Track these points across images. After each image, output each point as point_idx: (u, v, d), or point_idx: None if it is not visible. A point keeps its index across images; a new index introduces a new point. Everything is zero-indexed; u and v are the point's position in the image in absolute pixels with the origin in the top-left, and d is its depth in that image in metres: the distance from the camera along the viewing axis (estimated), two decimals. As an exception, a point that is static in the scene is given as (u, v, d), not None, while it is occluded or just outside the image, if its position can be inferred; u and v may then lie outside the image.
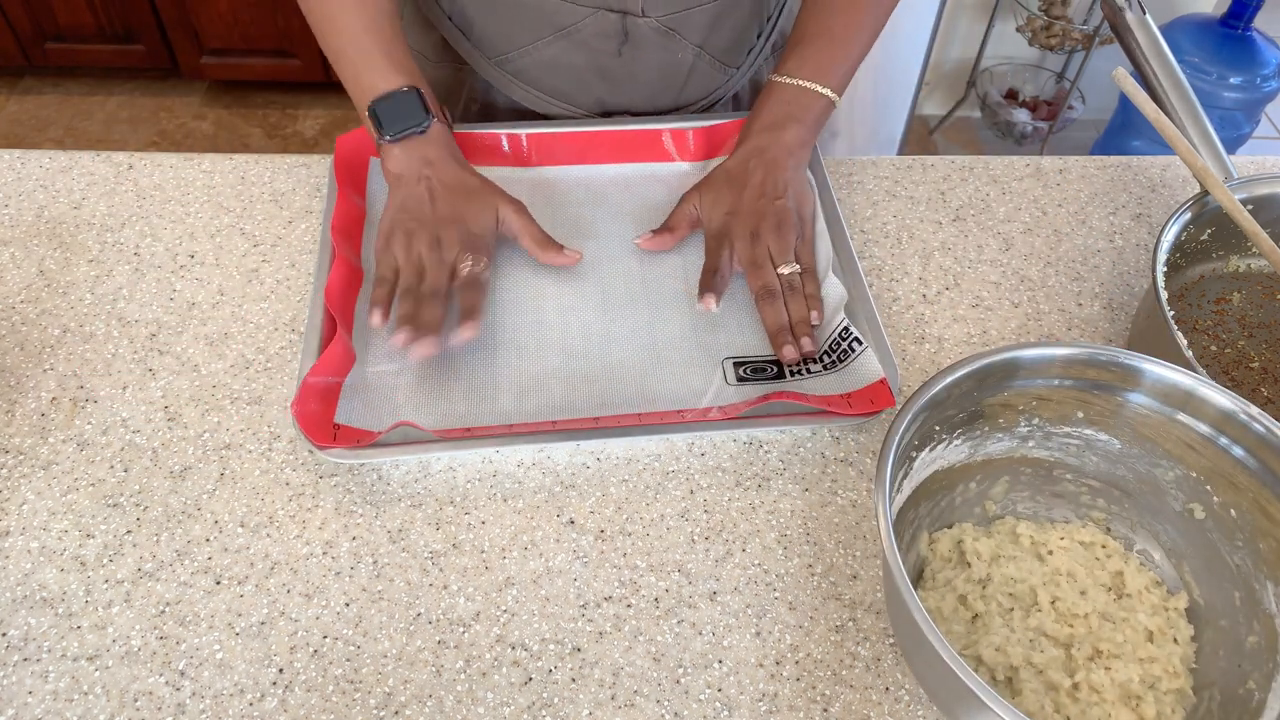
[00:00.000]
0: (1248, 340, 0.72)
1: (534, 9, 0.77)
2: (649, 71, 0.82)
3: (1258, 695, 0.50)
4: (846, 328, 0.66)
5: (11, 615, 0.53)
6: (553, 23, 0.78)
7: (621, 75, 0.82)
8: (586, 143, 0.80)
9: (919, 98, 2.04)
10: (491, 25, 0.80)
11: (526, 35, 0.79)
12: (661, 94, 0.84)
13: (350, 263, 0.69)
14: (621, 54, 0.80)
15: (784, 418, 0.62)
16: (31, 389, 0.64)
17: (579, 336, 0.68)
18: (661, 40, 0.79)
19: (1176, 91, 0.73)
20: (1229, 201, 0.67)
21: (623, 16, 0.77)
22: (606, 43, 0.79)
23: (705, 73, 0.84)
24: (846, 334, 0.66)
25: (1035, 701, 0.50)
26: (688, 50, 0.81)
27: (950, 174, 0.84)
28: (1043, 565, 0.55)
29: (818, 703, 0.52)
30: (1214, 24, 1.93)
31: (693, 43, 0.80)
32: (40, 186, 0.78)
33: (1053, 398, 0.56)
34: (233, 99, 2.43)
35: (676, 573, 0.57)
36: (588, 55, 0.80)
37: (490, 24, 0.80)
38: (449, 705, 0.51)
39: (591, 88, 0.83)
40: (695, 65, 0.82)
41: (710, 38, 0.81)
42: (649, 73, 0.82)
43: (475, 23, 0.81)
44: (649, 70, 0.81)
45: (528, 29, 0.79)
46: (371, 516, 0.58)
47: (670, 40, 0.79)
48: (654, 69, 0.81)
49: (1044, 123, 2.25)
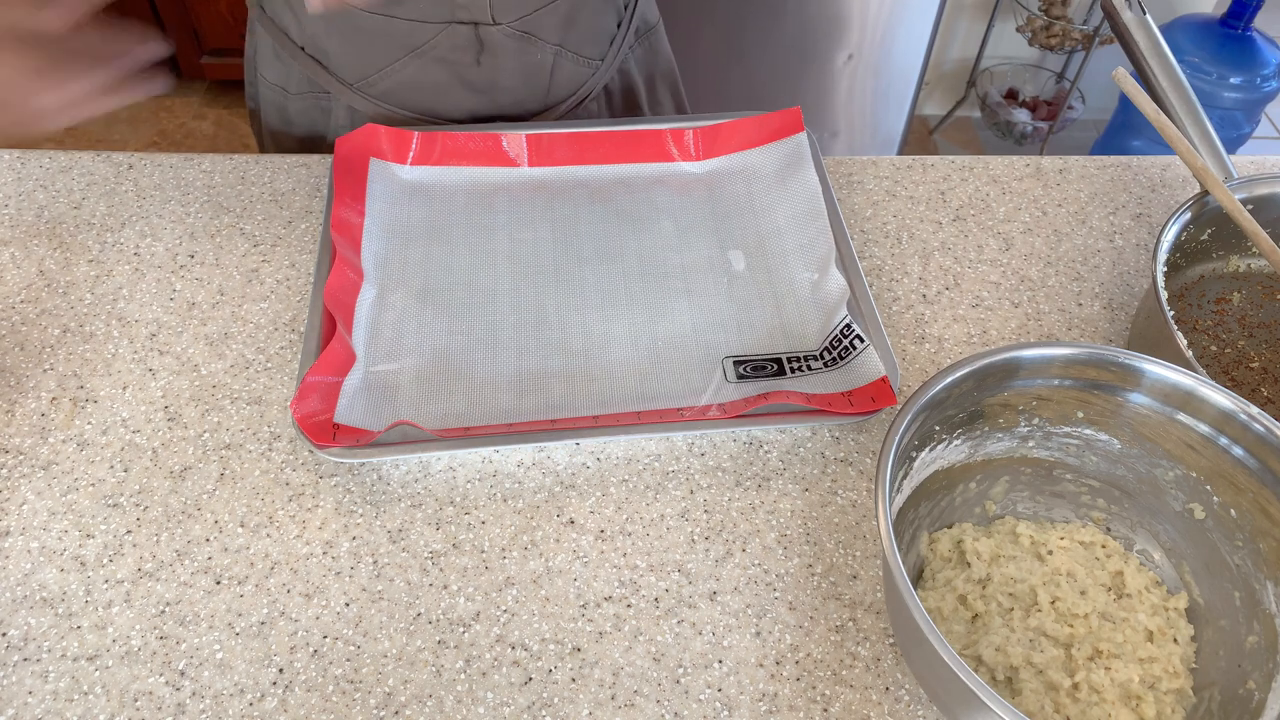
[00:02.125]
0: (1248, 340, 0.72)
1: (385, 33, 0.77)
2: (511, 76, 0.82)
3: (1258, 695, 0.50)
4: (849, 325, 0.66)
5: (11, 615, 0.53)
6: (406, 43, 0.78)
7: (484, 84, 0.82)
8: (586, 143, 0.80)
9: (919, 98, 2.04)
10: (346, 52, 0.80)
11: (382, 58, 0.79)
12: (528, 97, 0.84)
13: (350, 263, 0.69)
14: (480, 63, 0.80)
15: (784, 416, 0.62)
16: (31, 389, 0.64)
17: (579, 336, 0.68)
18: (518, 45, 0.79)
19: (1176, 91, 0.73)
20: (1229, 201, 0.67)
21: (474, 27, 0.77)
22: (463, 54, 0.79)
23: (569, 70, 0.84)
24: (848, 331, 0.66)
25: (1035, 701, 0.50)
26: (547, 51, 0.81)
27: (950, 174, 0.84)
28: (1043, 565, 0.55)
29: (818, 703, 0.52)
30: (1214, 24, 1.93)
31: (550, 42, 0.81)
32: (40, 186, 0.78)
33: (1053, 398, 0.56)
34: (233, 99, 2.43)
35: (676, 573, 0.57)
36: (447, 69, 0.80)
37: (345, 51, 0.80)
38: (449, 705, 0.51)
39: (458, 99, 0.83)
40: (557, 64, 0.82)
41: (568, 35, 0.81)
42: (512, 78, 0.82)
43: (330, 52, 0.81)
44: (511, 75, 0.81)
45: (382, 52, 0.79)
46: (371, 516, 0.59)
47: (527, 43, 0.79)
48: (516, 74, 0.81)
49: (1044, 123, 2.25)
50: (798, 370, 0.66)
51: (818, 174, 0.77)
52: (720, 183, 0.80)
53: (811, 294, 0.70)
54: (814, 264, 0.71)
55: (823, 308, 0.69)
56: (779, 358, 0.67)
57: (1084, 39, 2.10)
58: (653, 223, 0.75)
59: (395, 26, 0.76)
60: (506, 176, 0.78)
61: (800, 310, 0.70)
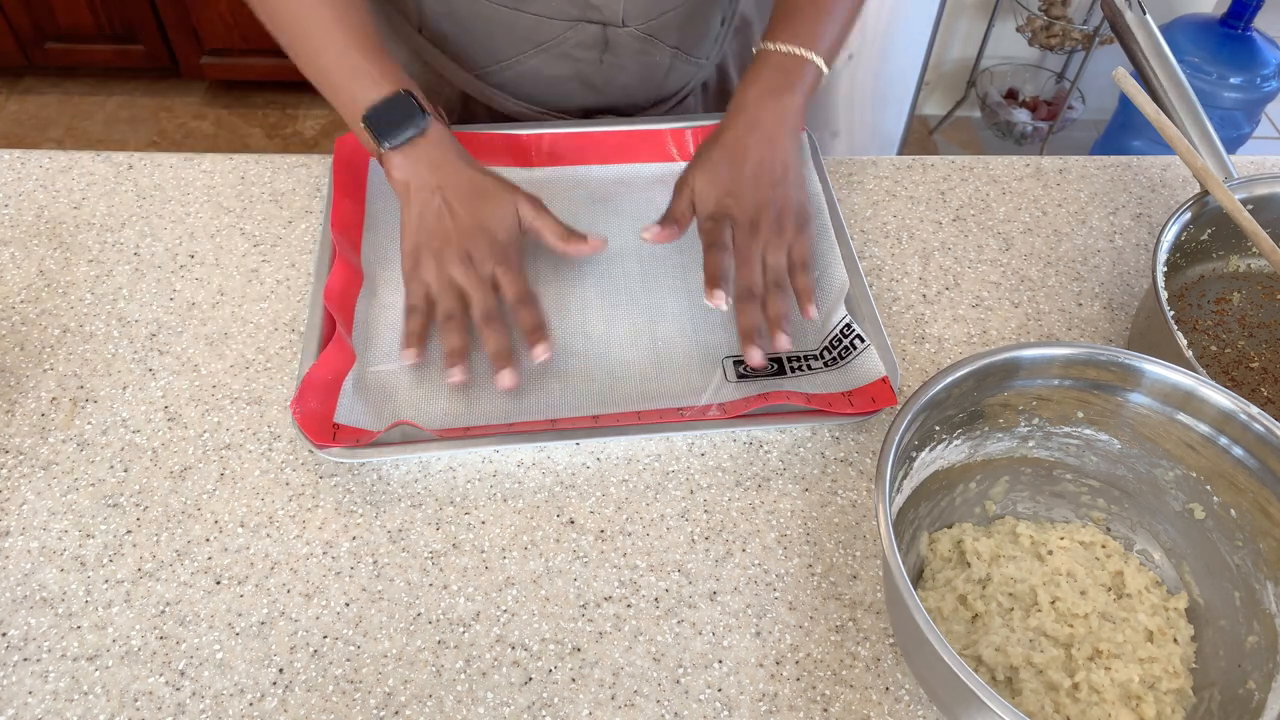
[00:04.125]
0: (1248, 340, 0.72)
1: (512, 26, 0.77)
2: (629, 76, 0.82)
3: (1258, 695, 0.50)
4: (849, 324, 0.66)
5: (11, 615, 0.53)
6: (533, 38, 0.78)
7: (602, 81, 0.82)
8: (587, 143, 0.80)
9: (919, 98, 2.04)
10: (469, 41, 0.80)
11: (506, 51, 0.79)
12: (641, 94, 0.85)
13: (350, 263, 0.69)
14: (603, 62, 0.80)
15: (784, 417, 0.62)
16: (31, 389, 0.64)
17: (578, 336, 0.68)
18: (641, 46, 0.80)
19: (1176, 91, 0.73)
20: (1229, 201, 0.67)
21: (603, 27, 0.77)
22: (588, 52, 0.79)
23: (681, 69, 0.85)
24: (849, 330, 0.66)
25: (1035, 701, 0.50)
26: (665, 53, 0.82)
27: (950, 174, 0.84)
28: (1043, 565, 0.55)
29: (818, 703, 0.52)
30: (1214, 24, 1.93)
31: (669, 45, 0.81)
32: (40, 186, 0.78)
33: (1053, 398, 0.56)
34: (233, 99, 2.43)
35: (676, 573, 0.57)
36: (569, 65, 0.80)
37: (467, 40, 0.80)
38: (449, 705, 0.51)
39: (573, 95, 0.83)
40: (673, 65, 0.84)
41: (684, 38, 0.82)
42: (629, 77, 0.82)
43: (450, 38, 0.81)
44: (629, 75, 0.82)
45: (507, 44, 0.79)
46: (371, 516, 0.59)
47: (649, 45, 0.80)
48: (635, 74, 0.82)
49: (1044, 123, 2.25)
50: (798, 370, 0.66)
51: (818, 174, 0.77)
52: None
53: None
54: (814, 264, 0.71)
55: (822, 303, 0.69)
56: (779, 357, 0.67)
57: (1084, 39, 2.10)
58: (652, 221, 0.75)
59: (522, 20, 0.76)
60: (507, 176, 0.78)
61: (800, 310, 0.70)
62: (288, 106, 2.42)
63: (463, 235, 0.65)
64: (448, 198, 0.66)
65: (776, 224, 0.67)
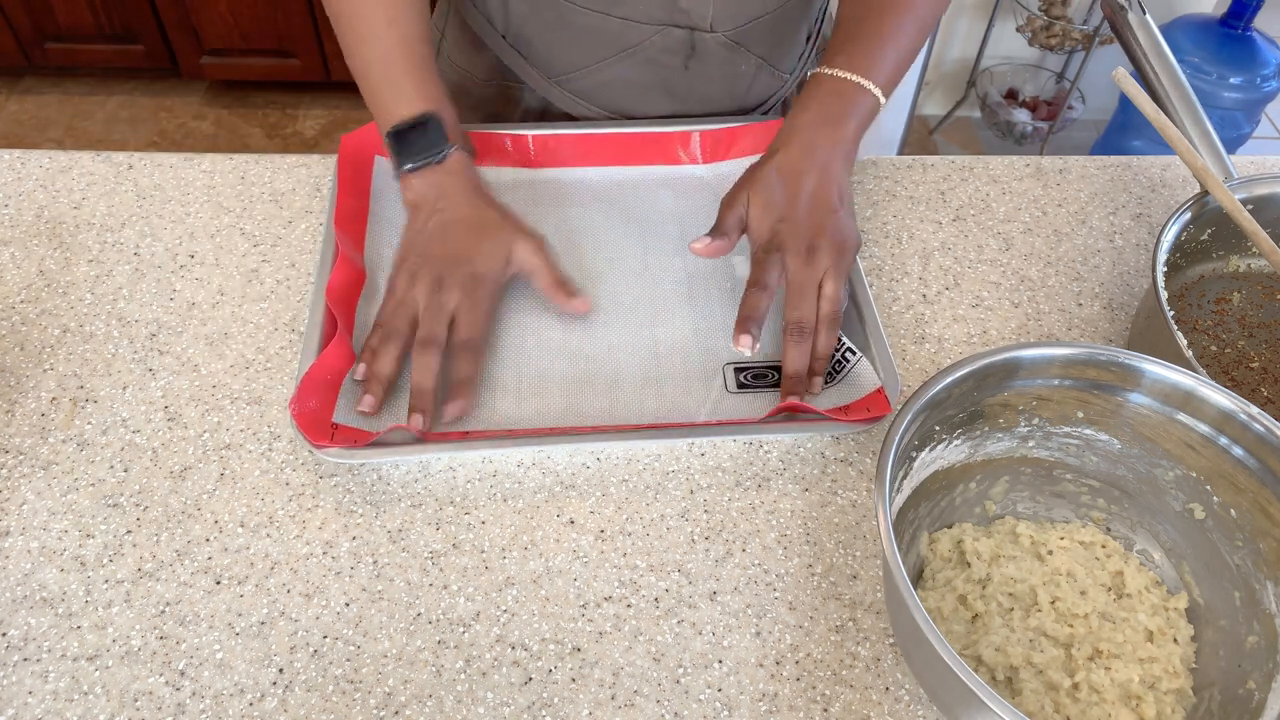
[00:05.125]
0: (1248, 340, 0.72)
1: (598, 30, 0.76)
2: (713, 85, 0.81)
3: (1258, 695, 0.50)
4: (840, 339, 0.65)
5: (11, 615, 0.53)
6: (618, 43, 0.77)
7: (685, 89, 0.81)
8: (593, 145, 0.79)
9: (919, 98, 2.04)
10: (552, 47, 0.79)
11: (590, 56, 0.78)
12: (722, 104, 0.83)
13: (353, 262, 0.69)
14: (688, 69, 0.79)
15: (783, 423, 0.62)
16: (31, 389, 0.64)
17: (580, 339, 0.68)
18: (727, 54, 0.78)
19: (1176, 91, 0.73)
20: (1229, 201, 0.67)
21: (690, 32, 0.76)
22: (673, 58, 0.78)
23: (765, 82, 0.84)
24: (839, 345, 0.65)
25: (1035, 701, 0.50)
26: (751, 62, 0.80)
27: (950, 174, 0.84)
28: (1043, 565, 0.55)
29: (818, 703, 0.52)
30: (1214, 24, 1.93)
31: (755, 54, 0.80)
32: (40, 186, 0.78)
33: (1053, 398, 0.56)
34: (233, 99, 2.43)
35: (676, 573, 0.57)
36: (654, 72, 0.79)
37: (551, 45, 0.79)
38: (449, 705, 0.51)
39: (655, 102, 0.82)
40: (757, 75, 0.82)
41: (772, 49, 0.81)
42: (712, 85, 0.81)
43: (534, 44, 0.79)
44: (714, 84, 0.81)
45: (591, 50, 0.78)
46: (371, 516, 0.59)
47: (735, 53, 0.79)
48: (719, 82, 0.81)
49: (1044, 123, 2.25)
50: None
51: None
52: (726, 187, 0.79)
53: None
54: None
55: None
56: (780, 366, 0.66)
57: (1084, 39, 2.10)
58: (658, 226, 0.75)
59: (609, 25, 0.75)
60: (513, 176, 0.78)
61: None
62: (288, 106, 2.42)
63: (442, 260, 0.65)
64: (444, 222, 0.67)
65: (836, 251, 0.63)
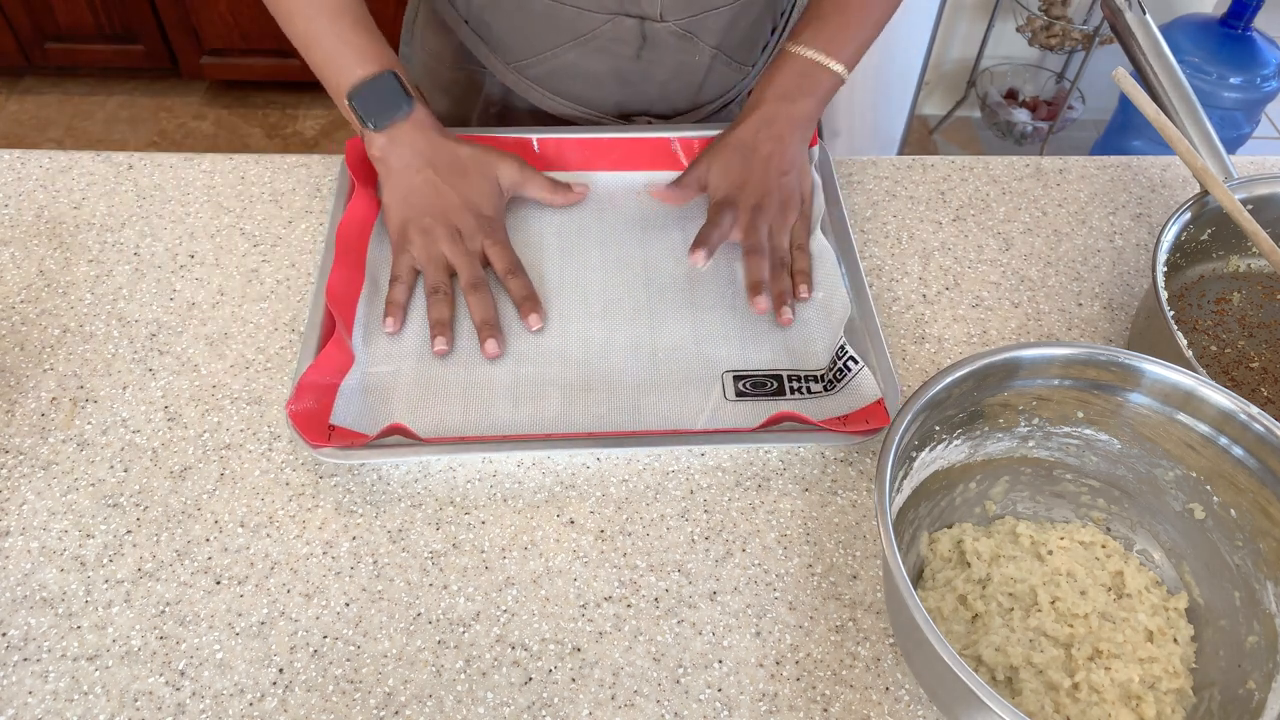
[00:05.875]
0: (1248, 340, 0.72)
1: (552, 17, 0.77)
2: (666, 74, 0.82)
3: (1258, 695, 0.50)
4: (843, 346, 0.65)
5: (11, 615, 0.53)
6: (571, 30, 0.78)
7: (639, 79, 0.82)
8: (595, 149, 0.79)
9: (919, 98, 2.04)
10: (509, 32, 0.80)
11: (545, 42, 0.79)
12: (679, 95, 0.85)
13: (354, 263, 0.69)
14: (640, 58, 0.80)
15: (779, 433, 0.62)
16: (31, 389, 0.64)
17: (578, 343, 0.67)
18: (679, 43, 0.79)
19: (1176, 91, 0.73)
20: (1229, 201, 0.67)
21: (641, 21, 0.77)
22: (625, 47, 0.79)
23: (721, 73, 0.84)
24: (842, 352, 0.65)
25: (1035, 701, 0.50)
26: (705, 52, 0.81)
27: (950, 174, 0.84)
28: (1043, 565, 0.55)
29: (818, 703, 0.52)
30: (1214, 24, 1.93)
31: (709, 44, 0.81)
32: (40, 186, 0.78)
33: (1053, 398, 0.56)
34: (233, 99, 2.43)
35: (676, 573, 0.57)
36: (606, 60, 0.80)
37: (508, 31, 0.80)
38: (449, 705, 0.51)
39: (610, 91, 0.83)
40: (712, 66, 0.83)
41: (726, 39, 0.81)
42: (666, 75, 0.82)
43: (493, 28, 0.81)
44: (666, 73, 0.82)
45: (546, 36, 0.79)
46: (371, 516, 0.59)
47: (688, 43, 0.79)
48: (671, 71, 0.82)
49: (1044, 123, 2.25)
50: (797, 391, 0.65)
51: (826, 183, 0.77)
52: None
53: (815, 310, 0.70)
54: (820, 281, 0.71)
55: (826, 325, 0.68)
56: (779, 375, 0.66)
57: (1084, 39, 2.10)
58: (659, 231, 0.75)
59: (563, 12, 0.76)
60: None
61: (804, 327, 0.69)
62: (288, 106, 2.42)
63: (450, 211, 0.70)
64: (432, 175, 0.70)
65: (780, 208, 0.72)
